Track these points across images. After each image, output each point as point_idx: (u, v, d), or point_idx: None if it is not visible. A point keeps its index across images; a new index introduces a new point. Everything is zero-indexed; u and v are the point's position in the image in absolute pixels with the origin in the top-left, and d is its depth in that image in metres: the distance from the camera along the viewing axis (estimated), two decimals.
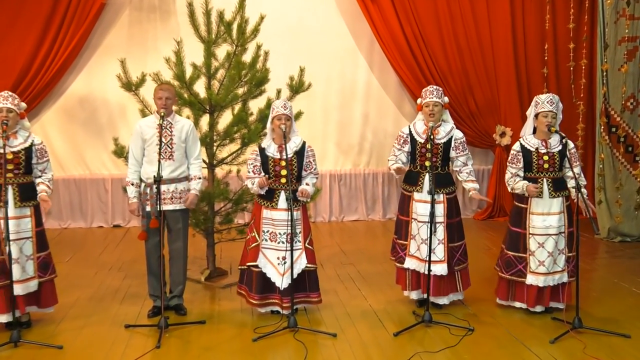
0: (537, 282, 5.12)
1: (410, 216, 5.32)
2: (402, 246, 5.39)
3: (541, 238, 5.13)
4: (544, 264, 5.11)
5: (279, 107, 5.08)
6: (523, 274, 5.19)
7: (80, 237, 8.43)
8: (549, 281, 5.11)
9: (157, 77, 6.00)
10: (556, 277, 5.13)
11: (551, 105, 5.09)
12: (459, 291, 5.41)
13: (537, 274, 5.13)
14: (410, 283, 5.39)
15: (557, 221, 5.11)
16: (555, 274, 5.12)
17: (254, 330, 4.92)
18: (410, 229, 5.32)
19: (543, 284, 5.11)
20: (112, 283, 6.25)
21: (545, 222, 5.12)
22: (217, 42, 6.19)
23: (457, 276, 5.37)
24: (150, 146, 5.16)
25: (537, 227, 5.14)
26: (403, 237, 5.38)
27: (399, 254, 5.41)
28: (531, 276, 5.15)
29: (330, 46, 9.18)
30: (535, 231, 5.15)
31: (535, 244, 5.15)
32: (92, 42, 8.77)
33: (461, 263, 5.36)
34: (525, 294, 5.22)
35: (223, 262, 6.85)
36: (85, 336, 4.88)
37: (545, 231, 5.12)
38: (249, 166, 5.18)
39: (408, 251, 5.33)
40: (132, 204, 5.23)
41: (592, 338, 4.74)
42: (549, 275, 5.11)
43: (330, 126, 9.41)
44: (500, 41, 9.16)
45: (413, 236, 5.31)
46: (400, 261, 5.39)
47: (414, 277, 5.37)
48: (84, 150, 9.00)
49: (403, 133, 5.39)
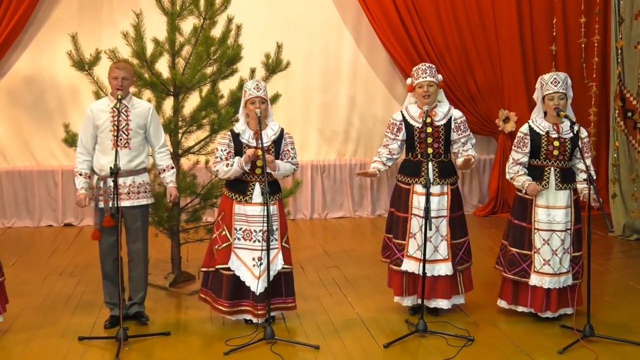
0: (541, 283, 5.17)
1: (409, 212, 5.33)
2: (400, 246, 5.39)
3: (546, 234, 5.18)
4: (550, 264, 5.17)
5: (251, 88, 5.06)
6: (527, 273, 5.24)
7: (26, 238, 8.36)
8: (554, 283, 5.16)
9: (113, 54, 5.95)
10: (562, 279, 5.19)
11: (556, 85, 5.11)
12: (461, 294, 5.45)
13: (542, 274, 5.17)
14: (407, 288, 5.40)
15: (564, 216, 5.16)
16: (561, 275, 5.18)
17: (226, 343, 4.91)
18: (410, 227, 5.33)
19: (548, 286, 5.16)
20: (63, 290, 6.21)
21: (550, 216, 5.17)
22: (182, 14, 6.16)
23: (458, 277, 5.40)
24: (103, 133, 5.13)
25: (542, 221, 5.19)
26: (400, 236, 5.38)
27: (395, 255, 5.41)
28: (535, 276, 5.19)
29: (311, 19, 9.17)
30: (540, 226, 5.19)
31: (540, 241, 5.20)
32: (38, 14, 8.68)
33: (464, 262, 5.40)
34: (530, 297, 5.26)
35: (190, 265, 6.83)
36: (33, 350, 4.85)
37: (550, 226, 5.17)
38: (219, 151, 5.13)
39: (406, 252, 5.34)
40: (80, 194, 5.19)
41: (605, 347, 4.79)
42: (554, 277, 5.16)
43: (312, 111, 9.41)
44: (504, 15, 9.20)
45: (413, 234, 5.31)
46: (397, 263, 5.40)
47: (411, 280, 5.37)
48: (30, 138, 8.92)
49: (396, 120, 5.40)
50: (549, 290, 5.19)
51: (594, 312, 5.20)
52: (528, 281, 5.21)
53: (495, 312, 5.49)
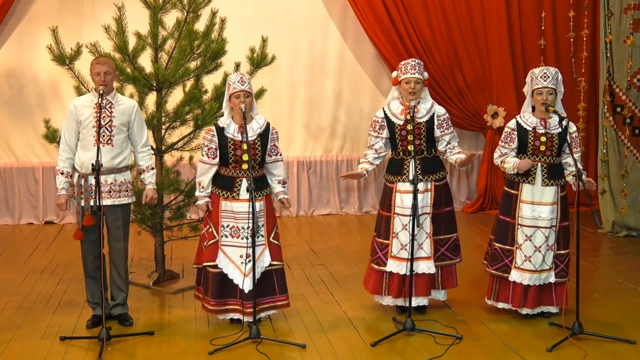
0: (521, 279, 5.20)
1: (392, 211, 5.34)
2: (382, 245, 5.40)
3: (529, 230, 5.21)
4: (531, 260, 5.20)
5: (235, 82, 5.04)
6: (508, 268, 5.28)
7: (5, 236, 8.32)
8: (534, 280, 5.19)
9: (94, 48, 5.93)
10: (543, 277, 5.22)
11: (545, 80, 5.14)
12: (438, 288, 5.45)
13: (522, 270, 5.21)
14: (386, 287, 5.39)
15: (549, 213, 5.19)
16: (542, 272, 5.21)
17: (211, 342, 4.91)
18: (392, 226, 5.34)
19: (527, 282, 5.19)
20: (44, 289, 6.18)
21: (535, 212, 5.20)
22: (165, 7, 6.13)
23: (437, 272, 5.39)
24: (85, 129, 5.10)
25: (526, 217, 5.22)
26: (383, 235, 5.39)
27: (377, 254, 5.42)
28: (515, 272, 5.23)
29: (297, 13, 9.16)
30: (524, 222, 5.23)
31: (522, 237, 5.23)
32: (17, 7, 8.62)
33: (446, 259, 5.40)
34: (511, 293, 5.28)
35: (174, 263, 6.82)
36: (13, 350, 4.82)
37: (534, 222, 5.20)
38: (203, 148, 5.14)
39: (390, 252, 5.35)
40: (60, 196, 5.17)
41: (594, 345, 4.84)
42: (535, 274, 5.19)
43: (298, 106, 9.40)
44: (492, 8, 9.23)
45: (396, 234, 5.32)
46: (377, 262, 5.41)
47: (395, 281, 5.35)
48: (9, 134, 8.86)
49: (378, 117, 5.40)
50: (528, 287, 5.21)
51: (583, 310, 5.24)
52: (508, 277, 5.25)
53: (483, 310, 5.52)
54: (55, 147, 6.08)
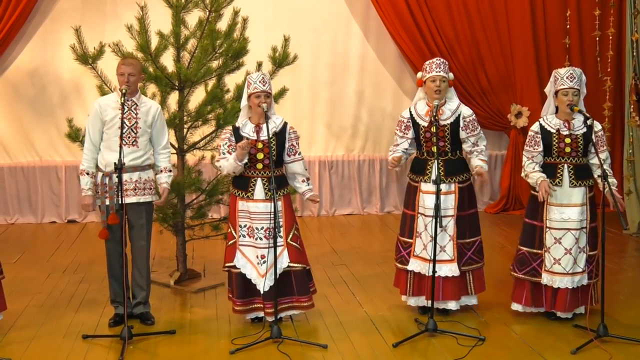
0: (551, 282, 5.17)
1: (416, 210, 5.35)
2: (405, 244, 5.42)
3: (558, 233, 5.17)
4: (560, 263, 5.16)
5: (256, 82, 5.04)
6: (538, 273, 5.24)
7: (28, 234, 8.40)
8: (566, 283, 5.15)
9: (117, 47, 5.98)
10: (576, 279, 5.17)
11: (571, 81, 5.12)
12: (471, 294, 5.45)
13: (552, 273, 5.17)
14: (411, 288, 5.42)
15: (578, 214, 5.15)
16: (575, 275, 5.16)
17: (232, 341, 4.93)
18: (416, 225, 5.35)
19: (558, 285, 5.16)
20: (66, 287, 6.24)
21: (564, 214, 5.16)
22: (187, 7, 6.16)
23: (468, 277, 5.40)
24: (110, 129, 5.14)
25: (554, 220, 5.18)
26: (407, 234, 5.41)
27: (401, 252, 5.45)
28: (546, 275, 5.20)
29: (319, 12, 9.17)
30: (552, 224, 5.19)
31: (551, 239, 5.19)
32: (41, 6, 8.70)
33: (473, 263, 5.39)
34: (544, 297, 5.26)
35: (195, 262, 6.86)
36: (36, 348, 4.87)
37: (563, 225, 5.16)
38: (222, 146, 5.14)
39: (413, 251, 5.36)
40: (86, 197, 5.22)
41: (619, 348, 4.79)
42: (566, 277, 5.15)
43: (320, 105, 9.41)
44: (516, 6, 9.18)
45: (419, 233, 5.33)
46: (401, 261, 5.42)
47: (416, 281, 5.38)
48: (33, 133, 8.94)
49: (404, 117, 5.41)
50: (561, 290, 5.17)
51: (608, 312, 5.20)
52: (540, 280, 5.21)
53: (507, 311, 5.48)
54: (78, 146, 6.15)
